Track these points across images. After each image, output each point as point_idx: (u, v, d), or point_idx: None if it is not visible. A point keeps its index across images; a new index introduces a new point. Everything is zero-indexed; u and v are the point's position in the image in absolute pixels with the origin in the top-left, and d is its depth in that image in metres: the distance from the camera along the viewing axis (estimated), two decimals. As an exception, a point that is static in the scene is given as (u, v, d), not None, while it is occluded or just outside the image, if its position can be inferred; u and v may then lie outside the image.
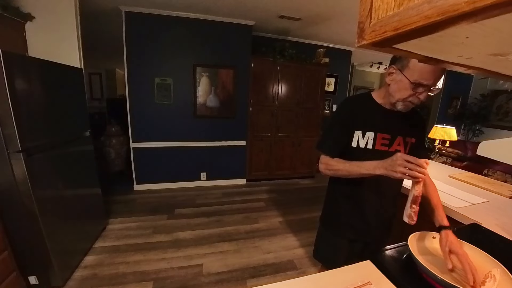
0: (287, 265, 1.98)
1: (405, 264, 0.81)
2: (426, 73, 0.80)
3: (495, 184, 1.64)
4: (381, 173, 0.82)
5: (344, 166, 0.94)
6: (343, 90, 4.68)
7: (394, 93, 0.91)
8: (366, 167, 0.87)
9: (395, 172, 0.76)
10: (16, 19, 1.87)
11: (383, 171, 0.81)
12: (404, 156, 0.76)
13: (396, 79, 0.88)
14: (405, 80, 0.85)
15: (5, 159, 1.33)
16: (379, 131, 0.96)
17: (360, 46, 0.37)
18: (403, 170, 0.75)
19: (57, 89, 1.69)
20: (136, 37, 2.92)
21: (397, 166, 0.76)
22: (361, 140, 0.97)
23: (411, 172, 0.74)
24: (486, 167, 3.07)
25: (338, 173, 0.96)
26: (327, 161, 0.99)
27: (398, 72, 0.87)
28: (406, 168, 0.74)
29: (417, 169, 0.73)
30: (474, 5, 0.22)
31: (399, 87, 0.88)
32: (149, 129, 3.22)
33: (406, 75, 0.84)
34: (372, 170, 0.85)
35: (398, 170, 0.75)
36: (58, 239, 1.62)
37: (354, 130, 0.97)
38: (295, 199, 3.32)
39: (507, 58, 0.35)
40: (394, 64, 0.88)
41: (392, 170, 0.77)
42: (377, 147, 0.96)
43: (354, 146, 0.97)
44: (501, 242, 0.94)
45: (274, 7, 2.70)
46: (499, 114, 4.75)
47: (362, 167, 0.89)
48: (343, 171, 0.94)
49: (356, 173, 0.91)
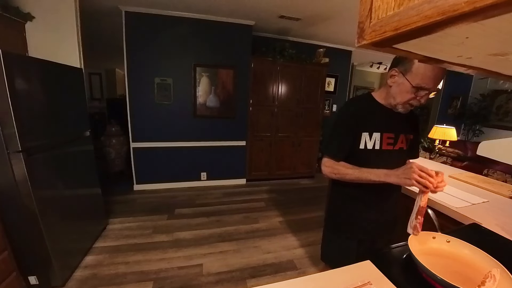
0: (287, 265, 1.98)
1: (405, 264, 0.81)
2: (428, 78, 0.81)
3: (495, 184, 1.64)
4: (391, 181, 0.85)
5: (353, 172, 0.94)
6: (343, 90, 4.68)
7: (395, 95, 0.92)
8: (377, 174, 0.89)
9: (409, 179, 0.79)
10: (16, 19, 1.87)
11: (394, 179, 0.84)
12: (419, 166, 0.80)
13: (398, 82, 0.89)
14: (407, 84, 0.86)
15: (5, 159, 1.33)
16: (385, 131, 0.98)
17: (360, 46, 0.37)
18: (417, 179, 0.78)
19: (57, 89, 1.69)
20: (136, 37, 2.92)
21: (412, 174, 0.79)
22: (368, 141, 0.97)
23: (423, 181, 0.77)
24: (486, 167, 3.07)
25: (345, 177, 0.97)
26: (332, 164, 0.99)
27: (400, 75, 0.88)
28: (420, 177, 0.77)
29: (429, 179, 0.76)
30: (474, 5, 0.22)
31: (401, 90, 0.89)
32: (149, 129, 3.22)
33: (408, 78, 0.85)
34: (383, 178, 0.87)
35: (413, 177, 0.78)
36: (58, 239, 1.62)
37: (361, 132, 0.97)
38: (295, 199, 3.32)
39: (507, 58, 0.35)
40: (397, 67, 0.89)
41: (406, 178, 0.80)
42: (384, 147, 0.98)
43: (362, 148, 0.97)
44: (501, 242, 0.94)
45: (274, 7, 2.70)
46: (499, 114, 4.75)
47: (373, 173, 0.90)
48: (351, 176, 0.95)
49: (366, 180, 0.92)
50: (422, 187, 0.78)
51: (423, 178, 0.77)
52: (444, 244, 0.84)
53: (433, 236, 0.88)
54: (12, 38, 1.86)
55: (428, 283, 0.69)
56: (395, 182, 0.84)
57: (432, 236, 0.88)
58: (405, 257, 0.83)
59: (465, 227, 1.09)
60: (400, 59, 0.88)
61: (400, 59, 0.88)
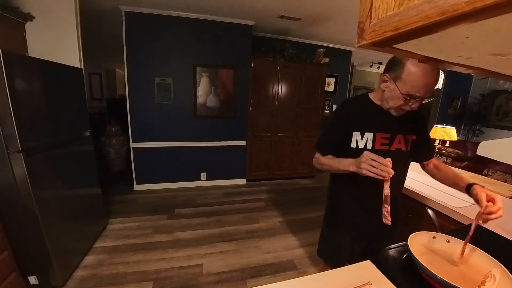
0: (287, 265, 1.98)
1: (405, 264, 0.81)
2: (417, 87, 0.81)
3: (495, 184, 1.64)
4: (353, 170, 0.85)
5: (328, 161, 1.00)
6: (343, 90, 4.68)
7: (387, 100, 0.93)
8: (343, 164, 0.91)
9: (360, 169, 0.80)
10: (16, 19, 1.87)
11: (354, 168, 0.85)
12: (370, 154, 0.79)
13: (390, 88, 0.89)
14: (397, 91, 0.86)
15: (5, 159, 1.33)
16: (378, 131, 0.97)
17: (360, 46, 0.37)
18: (367, 167, 0.77)
19: (57, 89, 1.69)
20: (136, 37, 2.92)
21: (361, 163, 0.79)
22: (359, 141, 0.98)
23: (376, 170, 0.76)
24: (486, 167, 3.07)
25: (324, 167, 1.03)
26: (318, 156, 1.06)
27: (391, 82, 0.88)
28: (370, 166, 0.77)
29: (381, 168, 0.75)
30: (474, 5, 0.22)
31: (392, 95, 0.89)
32: (149, 129, 3.22)
33: (398, 86, 0.85)
34: (347, 167, 0.89)
35: (362, 167, 0.78)
36: (58, 239, 1.62)
37: (352, 131, 0.98)
38: (295, 199, 3.32)
39: (507, 58, 0.35)
40: (388, 72, 0.89)
41: (358, 168, 0.81)
42: (376, 146, 0.97)
43: (353, 147, 0.99)
44: (501, 242, 0.94)
45: (274, 7, 2.70)
46: (499, 114, 4.75)
47: (341, 163, 0.93)
48: (327, 165, 1.00)
49: (336, 169, 0.96)
50: (376, 176, 0.77)
51: (375, 167, 0.76)
52: (444, 244, 0.84)
53: (433, 236, 0.88)
54: (12, 38, 1.86)
55: (428, 283, 0.69)
56: (355, 171, 0.84)
57: (432, 236, 0.88)
58: (405, 257, 0.83)
59: (465, 227, 1.09)
60: (392, 64, 0.87)
61: (392, 64, 0.87)
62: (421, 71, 0.78)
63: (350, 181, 1.04)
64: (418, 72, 0.79)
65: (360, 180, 0.99)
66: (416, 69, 0.79)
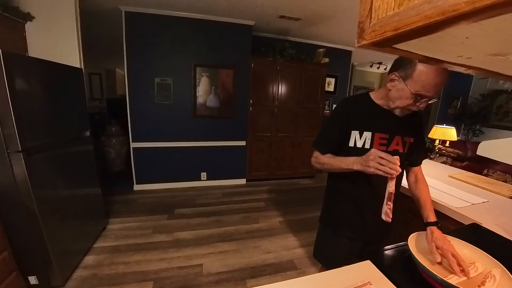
0: (287, 265, 1.98)
1: (405, 264, 0.81)
2: (429, 86, 0.79)
3: (495, 184, 1.64)
4: (357, 169, 0.85)
5: (329, 160, 0.99)
6: (343, 90, 4.68)
7: (394, 100, 0.90)
8: (346, 162, 0.90)
9: (368, 167, 0.79)
10: (15, 19, 1.87)
11: (359, 166, 0.84)
12: (378, 152, 0.79)
13: (398, 87, 0.87)
14: (406, 90, 0.84)
15: (5, 159, 1.33)
16: (377, 130, 0.97)
17: (360, 46, 0.37)
18: (376, 165, 0.77)
19: (57, 89, 1.69)
20: (136, 37, 2.92)
21: (370, 161, 0.79)
22: (358, 140, 0.97)
23: (384, 168, 0.76)
24: (486, 167, 3.07)
25: (324, 166, 1.01)
26: (317, 155, 1.05)
27: (400, 81, 0.85)
28: (379, 164, 0.77)
29: (390, 165, 0.75)
30: (474, 5, 0.22)
31: (400, 95, 0.87)
32: (149, 129, 3.22)
33: (408, 85, 0.83)
34: (350, 165, 0.88)
35: (371, 165, 0.78)
36: (58, 239, 1.62)
37: (351, 130, 0.98)
38: (295, 199, 3.32)
39: (507, 58, 0.35)
40: (397, 71, 0.86)
41: (366, 166, 0.80)
42: (374, 146, 0.96)
43: (352, 145, 0.98)
44: (501, 242, 0.94)
45: (274, 7, 2.70)
46: (499, 114, 4.75)
47: (343, 162, 0.92)
48: (327, 165, 0.99)
49: (338, 168, 0.95)
50: (384, 174, 0.77)
51: (383, 164, 0.76)
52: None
53: (433, 236, 0.87)
54: (12, 38, 1.86)
55: (428, 283, 0.69)
56: (360, 170, 0.83)
57: (432, 236, 0.88)
58: (405, 257, 0.83)
59: (465, 227, 1.09)
60: (401, 63, 0.84)
61: (401, 63, 0.84)
62: (433, 71, 0.77)
63: (346, 181, 1.04)
64: (430, 71, 0.77)
65: (357, 180, 0.99)
66: (428, 68, 0.77)
